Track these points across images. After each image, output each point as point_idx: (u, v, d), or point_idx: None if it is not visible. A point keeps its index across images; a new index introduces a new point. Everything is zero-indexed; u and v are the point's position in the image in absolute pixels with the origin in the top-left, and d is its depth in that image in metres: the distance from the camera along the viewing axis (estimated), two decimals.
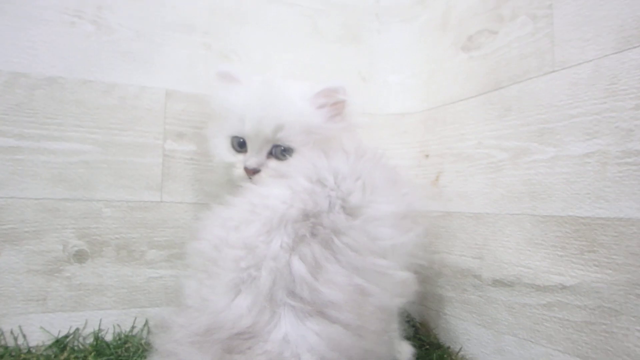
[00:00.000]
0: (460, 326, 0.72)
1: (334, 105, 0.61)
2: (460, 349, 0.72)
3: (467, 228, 0.71)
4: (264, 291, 0.43)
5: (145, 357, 0.62)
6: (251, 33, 0.79)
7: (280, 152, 0.60)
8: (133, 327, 0.70)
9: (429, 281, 0.78)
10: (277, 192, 0.51)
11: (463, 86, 0.74)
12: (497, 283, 0.65)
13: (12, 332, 0.63)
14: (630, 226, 0.49)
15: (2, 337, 0.62)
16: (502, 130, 0.66)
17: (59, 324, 0.66)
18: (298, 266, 0.44)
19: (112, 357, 0.62)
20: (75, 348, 0.65)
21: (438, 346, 0.74)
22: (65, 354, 0.62)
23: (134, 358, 0.62)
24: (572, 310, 0.55)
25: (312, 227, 0.47)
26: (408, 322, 0.76)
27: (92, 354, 0.62)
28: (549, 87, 0.58)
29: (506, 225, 0.64)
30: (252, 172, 0.59)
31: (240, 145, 0.61)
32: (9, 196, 0.64)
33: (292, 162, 0.57)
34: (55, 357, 0.61)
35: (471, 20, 0.72)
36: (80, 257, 0.67)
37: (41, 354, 0.61)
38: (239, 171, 0.60)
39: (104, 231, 0.69)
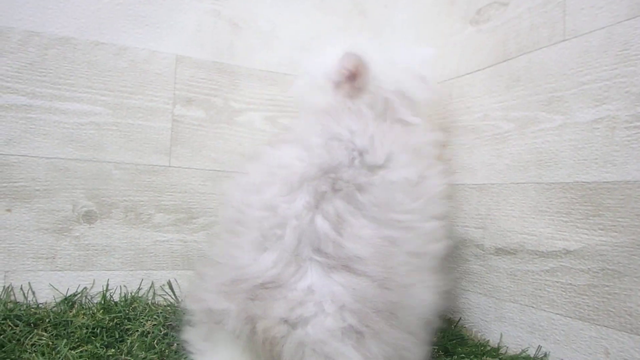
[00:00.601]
0: (461, 296, 0.73)
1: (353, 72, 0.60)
2: (460, 318, 0.73)
3: (471, 199, 0.72)
4: (289, 248, 0.44)
5: (151, 317, 0.63)
6: (260, 2, 0.79)
7: None
8: (139, 288, 0.71)
9: None
10: (292, 151, 0.51)
11: (470, 60, 0.74)
12: (500, 251, 0.66)
13: (21, 288, 0.64)
14: (637, 188, 0.50)
15: (12, 293, 0.63)
16: (509, 101, 0.66)
17: (67, 283, 0.67)
18: (322, 224, 0.44)
19: (120, 314, 0.63)
20: (84, 306, 0.66)
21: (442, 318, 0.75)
22: (74, 311, 0.63)
23: (141, 317, 0.63)
24: (575, 274, 0.56)
25: (333, 182, 0.47)
26: None
27: (101, 311, 0.63)
28: (559, 56, 0.59)
29: (510, 195, 0.65)
30: None
31: None
32: (20, 154, 0.64)
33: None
34: (64, 313, 0.62)
35: None
36: (89, 217, 0.68)
37: (51, 310, 0.62)
38: None
39: (112, 193, 0.69)
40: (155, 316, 0.64)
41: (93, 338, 0.56)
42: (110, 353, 0.52)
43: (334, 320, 0.40)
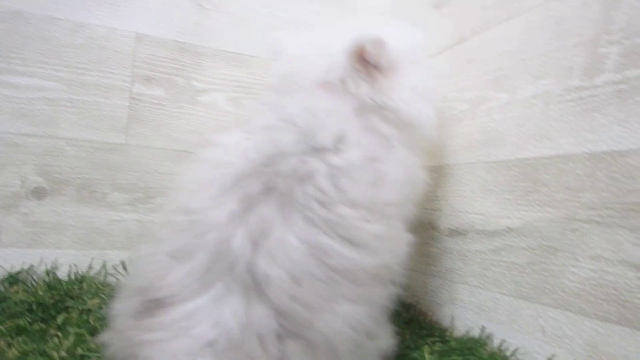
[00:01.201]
0: (419, 279, 0.73)
1: None
2: (417, 301, 0.72)
3: (429, 181, 0.72)
4: (198, 267, 0.40)
5: (96, 296, 0.62)
6: None
7: None
8: (90, 267, 0.70)
9: None
10: (233, 140, 0.47)
11: (433, 42, 0.75)
12: (453, 232, 0.66)
13: None
14: (568, 162, 0.50)
15: None
16: (464, 82, 0.67)
17: (13, 260, 0.66)
18: (239, 241, 0.40)
19: (61, 292, 0.61)
20: (28, 284, 0.65)
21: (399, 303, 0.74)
22: (15, 287, 0.62)
23: (85, 295, 0.62)
24: (517, 253, 0.56)
25: (268, 178, 0.42)
26: None
27: (44, 288, 0.62)
28: (505, 34, 0.60)
29: (462, 175, 0.66)
30: None
31: None
32: None
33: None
34: (5, 291, 0.61)
35: None
36: (38, 193, 0.67)
37: None
38: None
39: (65, 170, 0.69)
40: (102, 295, 0.63)
41: (28, 314, 0.55)
42: (38, 327, 0.51)
43: (188, 343, 0.37)
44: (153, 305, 0.40)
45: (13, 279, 0.64)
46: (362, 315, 0.43)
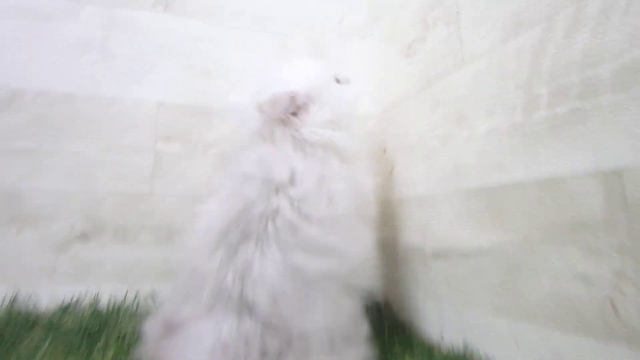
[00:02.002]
0: (412, 302, 0.79)
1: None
2: (411, 325, 0.78)
3: (414, 211, 0.79)
4: (204, 301, 0.53)
5: (131, 324, 0.74)
6: (230, 55, 0.94)
7: None
8: (125, 298, 0.82)
9: (389, 264, 0.86)
10: (211, 208, 0.59)
11: (405, 88, 0.84)
12: (437, 256, 0.73)
13: (30, 297, 0.77)
14: (521, 189, 0.56)
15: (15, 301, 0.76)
16: (434, 121, 0.75)
17: (65, 293, 0.79)
18: (231, 278, 0.52)
19: (102, 320, 0.73)
20: (77, 314, 0.77)
21: (396, 324, 0.80)
22: (65, 318, 0.75)
23: (123, 322, 0.74)
24: (490, 273, 0.61)
25: (243, 228, 0.54)
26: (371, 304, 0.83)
27: (88, 317, 0.74)
28: (462, 79, 0.68)
29: (441, 204, 0.72)
30: None
31: None
32: (31, 187, 0.80)
33: (217, 177, 0.66)
34: (57, 320, 0.74)
35: (409, 30, 0.84)
36: (84, 237, 0.81)
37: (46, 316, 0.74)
38: None
39: (104, 216, 0.83)
40: (135, 322, 0.74)
41: (76, 339, 0.67)
42: (84, 350, 0.63)
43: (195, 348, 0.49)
44: (172, 328, 0.53)
45: (64, 309, 0.77)
46: (334, 322, 0.53)
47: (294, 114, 0.64)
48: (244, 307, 0.51)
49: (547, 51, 0.53)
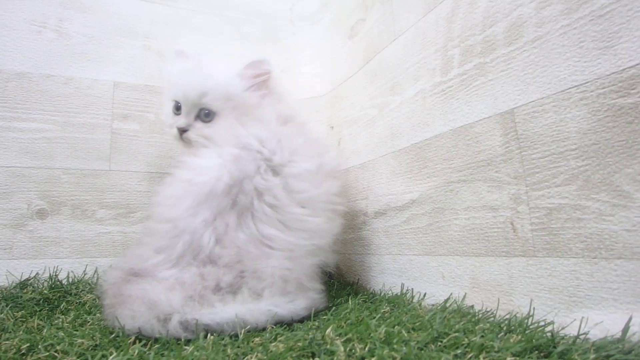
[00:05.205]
0: (357, 260, 0.85)
1: (259, 75, 0.71)
2: (358, 279, 0.84)
3: (358, 177, 0.86)
4: (175, 255, 0.56)
5: (90, 293, 0.76)
6: (185, 37, 0.99)
7: (204, 114, 0.71)
8: (84, 273, 0.84)
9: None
10: (209, 163, 0.61)
11: (350, 66, 0.92)
12: (377, 214, 0.79)
13: None
14: (441, 139, 0.64)
15: None
16: (373, 92, 0.83)
17: (22, 269, 0.80)
18: (208, 239, 0.57)
19: (62, 291, 0.75)
20: (35, 287, 0.78)
21: (344, 283, 0.86)
22: (25, 290, 0.76)
23: (82, 293, 0.76)
24: (419, 219, 0.68)
25: (235, 197, 0.58)
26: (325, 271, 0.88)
27: (47, 289, 0.76)
28: (394, 51, 0.76)
29: (379, 166, 0.80)
30: (181, 131, 0.71)
31: (177, 108, 0.73)
32: None
33: (218, 132, 0.67)
34: (17, 293, 0.75)
35: (352, 13, 0.92)
36: (41, 214, 0.83)
37: (6, 290, 0.75)
38: (174, 130, 0.73)
39: (61, 194, 0.85)
40: (94, 292, 0.76)
41: (36, 306, 0.69)
42: (46, 313, 0.65)
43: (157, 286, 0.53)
44: (133, 275, 0.56)
45: (23, 284, 0.78)
46: (290, 273, 0.58)
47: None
48: (209, 261, 0.56)
49: (457, 17, 0.62)
